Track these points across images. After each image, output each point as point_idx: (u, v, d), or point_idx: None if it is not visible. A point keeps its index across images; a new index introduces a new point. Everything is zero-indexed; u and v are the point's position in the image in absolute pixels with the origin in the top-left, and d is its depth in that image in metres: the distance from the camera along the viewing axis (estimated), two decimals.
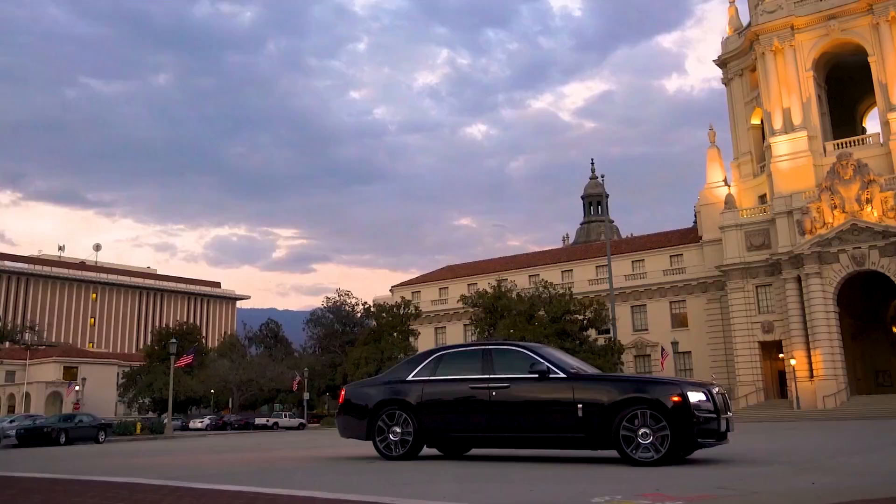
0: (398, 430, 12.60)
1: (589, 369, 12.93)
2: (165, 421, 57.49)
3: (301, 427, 73.76)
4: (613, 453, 10.91)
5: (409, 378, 12.97)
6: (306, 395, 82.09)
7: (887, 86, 68.20)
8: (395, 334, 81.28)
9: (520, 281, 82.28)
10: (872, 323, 71.98)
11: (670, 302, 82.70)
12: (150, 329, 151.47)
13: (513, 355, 12.39)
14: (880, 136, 69.90)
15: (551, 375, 11.64)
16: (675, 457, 10.67)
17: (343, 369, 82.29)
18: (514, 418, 11.80)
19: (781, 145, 71.53)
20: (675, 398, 10.72)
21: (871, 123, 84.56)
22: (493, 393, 11.95)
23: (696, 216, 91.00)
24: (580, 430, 11.18)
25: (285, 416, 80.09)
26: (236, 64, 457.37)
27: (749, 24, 77.37)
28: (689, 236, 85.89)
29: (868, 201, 64.61)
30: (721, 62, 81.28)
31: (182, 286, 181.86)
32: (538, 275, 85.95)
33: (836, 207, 65.78)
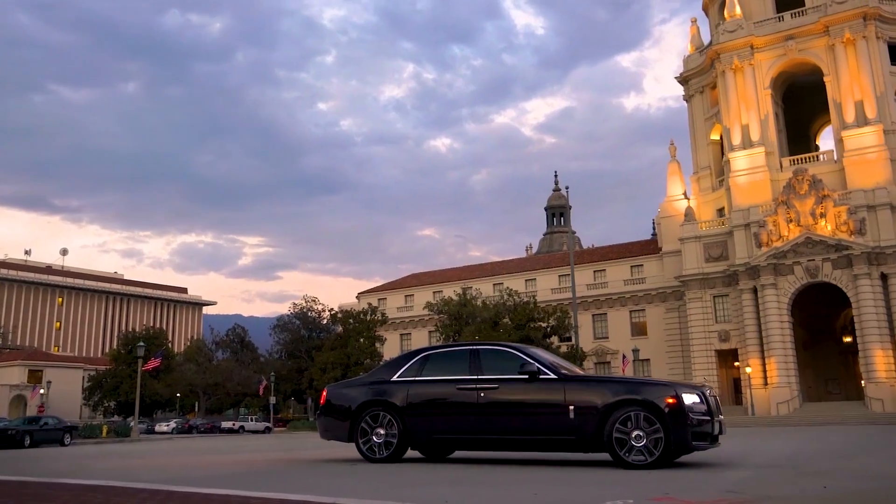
0: (382, 431, 11.91)
1: (578, 371, 12.42)
2: (132, 424, 55.96)
3: (267, 431, 72.42)
4: (604, 456, 10.37)
5: (394, 379, 12.28)
6: (273, 400, 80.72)
7: (842, 105, 69.01)
8: (361, 340, 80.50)
9: (484, 289, 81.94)
10: (823, 333, 72.72)
11: (630, 311, 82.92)
12: (116, 334, 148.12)
13: (502, 355, 11.77)
14: (834, 153, 70.74)
15: (542, 376, 11.05)
16: (667, 460, 10.17)
17: (309, 374, 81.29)
18: (503, 420, 11.17)
19: (740, 160, 72.07)
20: (670, 400, 10.21)
21: (824, 141, 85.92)
22: (482, 394, 11.34)
23: (654, 228, 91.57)
24: (572, 432, 10.61)
25: (251, 420, 78.74)
26: (205, 74, 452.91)
27: (710, 43, 77.96)
28: (649, 247, 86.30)
29: (822, 216, 65.32)
30: (683, 79, 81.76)
31: (149, 291, 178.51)
32: (502, 283, 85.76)
33: (791, 221, 66.39)
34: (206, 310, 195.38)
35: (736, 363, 70.98)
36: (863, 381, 64.81)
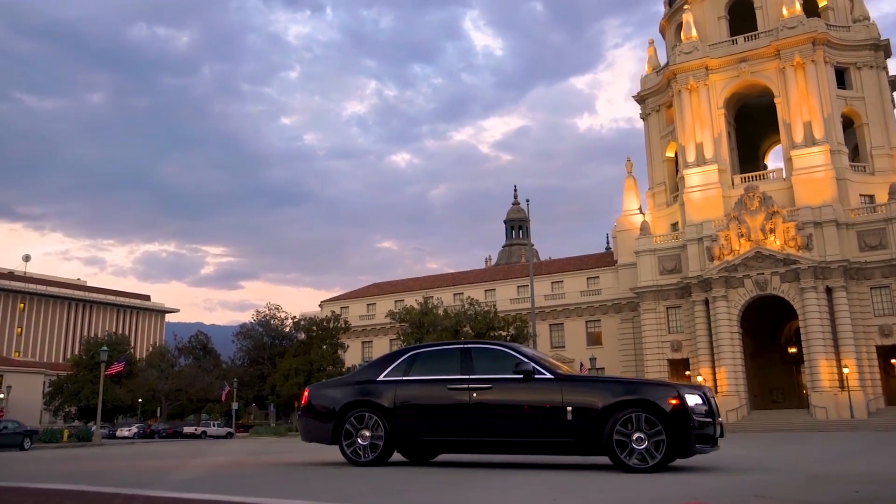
0: (367, 433, 10.98)
1: (572, 371, 11.65)
2: (93, 429, 53.93)
3: (229, 436, 70.58)
4: (600, 459, 9.61)
5: (380, 378, 11.35)
6: (235, 406, 78.92)
7: (791, 125, 69.76)
8: (324, 347, 79.34)
9: (445, 298, 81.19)
10: (769, 344, 73.28)
11: (586, 321, 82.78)
12: (78, 340, 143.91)
13: (495, 354, 10.93)
14: (783, 171, 71.42)
15: (538, 376, 10.25)
16: (666, 464, 9.46)
17: (272, 380, 79.75)
18: (497, 422, 10.33)
19: (694, 177, 72.46)
20: (673, 401, 9.50)
21: (772, 160, 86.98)
22: (474, 394, 10.49)
23: (608, 241, 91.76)
24: (569, 434, 9.83)
25: (213, 426, 76.81)
26: (171, 86, 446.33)
27: (667, 64, 78.44)
28: (605, 260, 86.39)
29: (772, 231, 65.83)
30: (640, 98, 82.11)
31: (111, 298, 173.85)
32: (463, 293, 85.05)
33: (742, 236, 66.79)
34: (168, 317, 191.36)
35: (687, 372, 71.05)
36: (806, 391, 65.32)
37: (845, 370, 62.24)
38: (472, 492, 7.45)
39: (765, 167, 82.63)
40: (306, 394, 12.11)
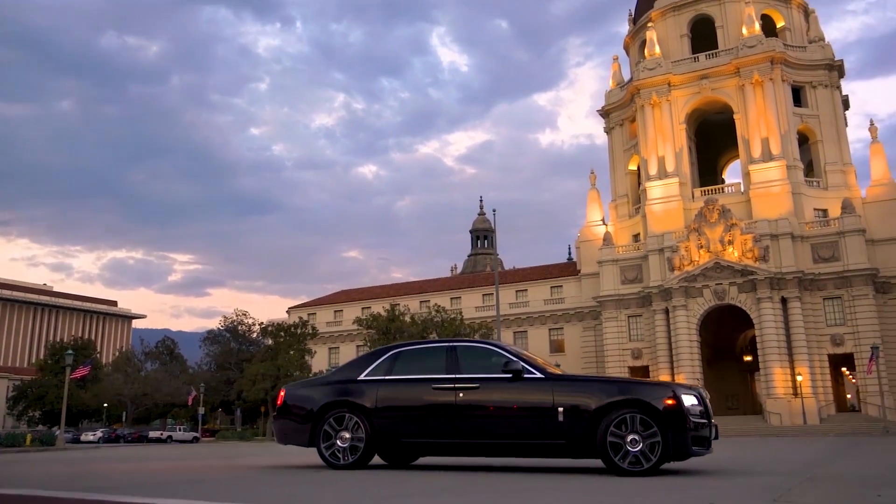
0: (347, 435, 10.16)
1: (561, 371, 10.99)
2: (57, 433, 52.01)
3: (195, 440, 68.81)
4: (590, 462, 8.94)
5: (361, 378, 10.52)
6: (201, 410, 77.12)
7: (749, 141, 70.36)
8: (291, 352, 77.93)
9: (412, 306, 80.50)
10: (725, 352, 73.71)
11: (549, 329, 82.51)
12: (44, 345, 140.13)
13: (482, 353, 10.17)
14: (741, 185, 71.96)
15: (527, 375, 9.55)
16: (660, 467, 8.85)
17: (239, 385, 78.12)
18: (484, 423, 9.58)
19: (655, 190, 72.72)
20: (669, 401, 8.86)
21: (730, 175, 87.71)
22: (461, 394, 9.74)
23: (570, 252, 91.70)
24: (561, 436, 9.14)
25: (179, 430, 74.92)
26: (141, 95, 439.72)
27: (631, 80, 78.74)
28: (569, 270, 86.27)
29: (730, 242, 66.20)
30: (604, 112, 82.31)
31: (78, 304, 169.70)
32: (429, 300, 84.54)
33: (702, 247, 67.10)
34: (135, 323, 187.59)
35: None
36: (761, 397, 65.66)
37: (799, 378, 62.71)
38: (464, 496, 6.76)
39: (723, 181, 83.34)
40: (282, 394, 11.24)
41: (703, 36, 76.39)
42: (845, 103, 75.35)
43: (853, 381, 74.97)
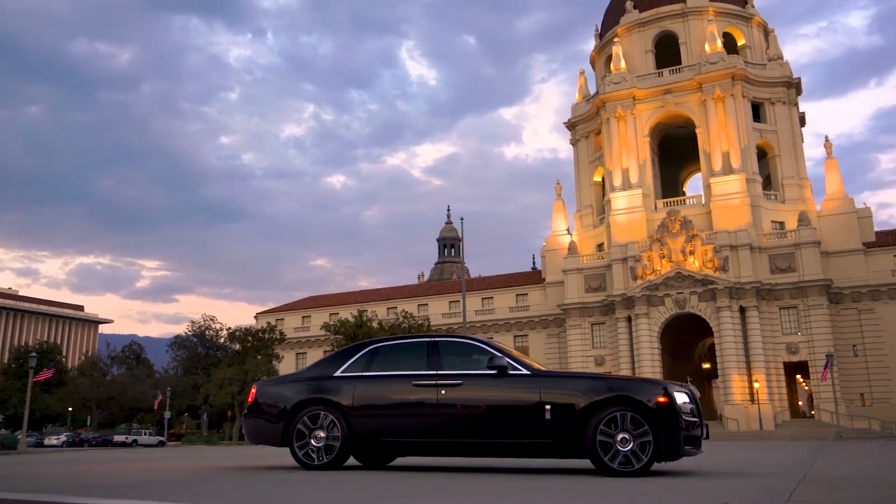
0: (322, 434, 9.42)
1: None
2: (19, 437, 50.16)
3: (161, 445, 66.98)
4: (576, 462, 8.34)
5: (338, 374, 9.78)
6: (167, 415, 75.23)
7: (711, 154, 70.87)
8: (258, 357, 76.49)
9: (379, 312, 79.57)
10: (684, 359, 73.97)
11: (514, 336, 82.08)
12: (8, 349, 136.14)
13: (465, 348, 9.53)
14: (702, 197, 72.40)
15: (512, 372, 8.92)
16: (650, 468, 8.29)
17: (205, 390, 76.40)
18: (468, 421, 8.91)
19: (620, 200, 72.87)
20: (661, 399, 8.30)
21: (690, 188, 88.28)
22: (443, 391, 9.06)
23: (534, 261, 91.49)
24: (548, 435, 8.52)
25: (145, 434, 72.89)
26: (111, 102, 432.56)
27: (597, 93, 78.94)
28: (534, 278, 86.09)
29: (691, 253, 66.51)
30: (570, 125, 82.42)
31: (44, 308, 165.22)
32: (396, 307, 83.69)
33: (664, 257, 67.32)
34: (102, 328, 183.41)
35: None
36: (718, 404, 65.89)
37: (756, 385, 63.13)
38: (456, 498, 6.11)
39: (684, 193, 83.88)
40: (253, 391, 10.44)
41: (667, 52, 76.97)
42: (802, 120, 76.42)
43: (806, 388, 75.81)
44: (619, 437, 8.20)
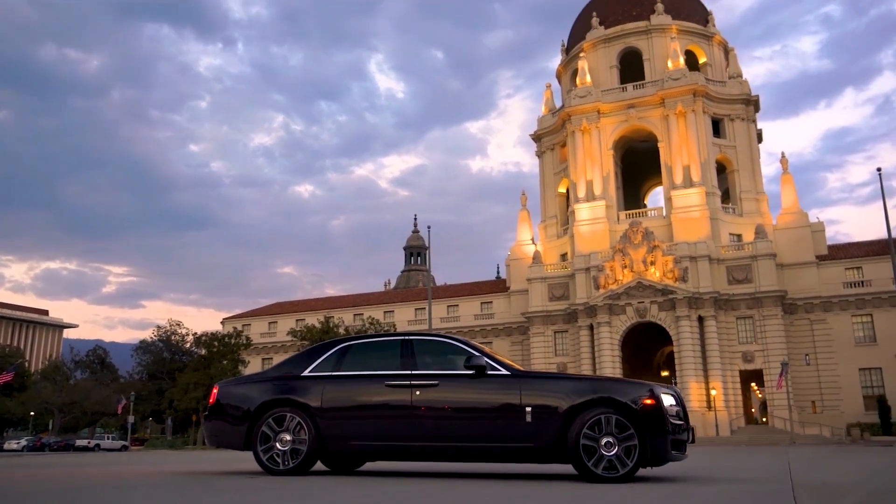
0: (288, 437, 8.71)
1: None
2: None
3: (124, 449, 65.12)
4: (560, 467, 7.71)
5: (306, 374, 9.07)
6: (131, 419, 73.19)
7: (672, 168, 71.21)
8: (224, 362, 74.90)
9: (346, 318, 78.70)
10: (643, 368, 73.98)
11: (479, 342, 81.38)
12: None
13: (441, 347, 8.89)
14: (663, 209, 72.63)
15: (491, 372, 8.31)
16: (634, 473, 7.69)
17: (170, 395, 74.55)
18: (443, 424, 8.27)
19: (583, 211, 72.86)
20: (647, 401, 7.76)
21: (651, 201, 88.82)
22: (417, 392, 8.42)
23: (498, 271, 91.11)
24: (529, 438, 7.92)
25: (108, 439, 70.79)
26: (79, 108, 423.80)
27: (562, 106, 78.95)
28: (499, 286, 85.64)
29: (652, 263, 66.61)
30: (536, 137, 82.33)
31: (6, 312, 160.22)
32: (363, 314, 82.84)
33: (626, 267, 67.33)
34: (67, 333, 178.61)
35: None
36: None
37: (713, 392, 63.30)
38: None
39: (645, 206, 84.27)
40: (215, 391, 9.62)
41: (631, 68, 77.35)
42: (759, 137, 77.18)
43: (760, 395, 76.34)
44: (604, 440, 7.64)
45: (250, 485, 7.47)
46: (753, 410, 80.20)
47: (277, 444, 8.74)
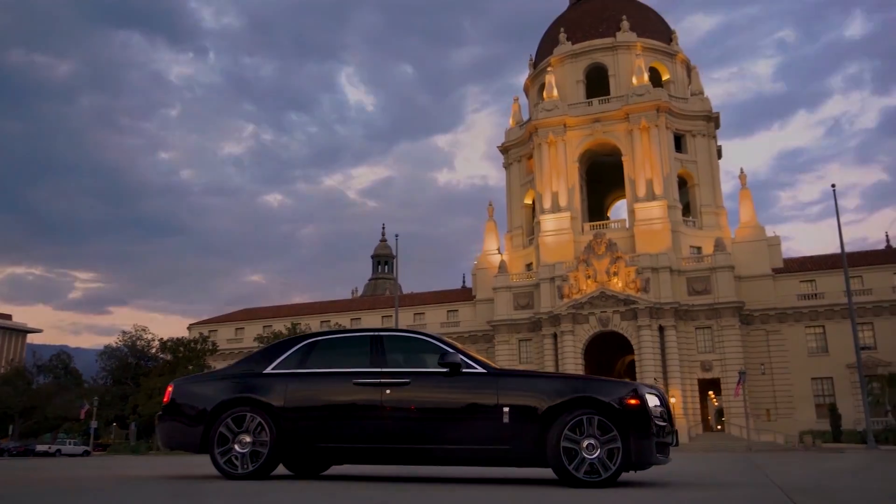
0: (248, 439, 7.91)
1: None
2: None
3: (86, 454, 62.87)
4: (539, 471, 7.08)
5: (268, 371, 8.28)
6: (94, 424, 70.86)
7: (635, 181, 71.49)
8: (190, 367, 73.10)
9: (313, 325, 77.48)
10: (605, 375, 73.85)
11: None
12: None
13: (413, 344, 8.23)
14: (626, 221, 72.88)
15: (467, 370, 7.66)
16: (617, 478, 7.09)
17: (134, 400, 72.48)
18: (415, 425, 7.60)
19: (549, 222, 72.76)
20: (631, 401, 7.18)
21: (614, 213, 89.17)
22: (388, 391, 7.71)
23: (464, 281, 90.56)
24: (506, 441, 7.26)
25: (70, 444, 68.34)
26: (48, 113, 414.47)
27: (529, 119, 78.97)
28: (465, 295, 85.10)
29: (615, 274, 66.63)
30: (503, 149, 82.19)
31: None
32: (330, 321, 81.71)
33: (589, 277, 67.26)
34: (31, 338, 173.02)
35: None
36: None
37: (672, 400, 63.26)
38: None
39: (608, 218, 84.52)
40: (170, 390, 8.77)
41: (597, 83, 77.71)
42: (719, 153, 77.95)
43: (716, 403, 76.70)
44: (585, 443, 7.03)
45: (198, 490, 6.70)
46: (710, 418, 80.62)
47: (236, 447, 7.96)
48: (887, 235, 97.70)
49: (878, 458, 18.32)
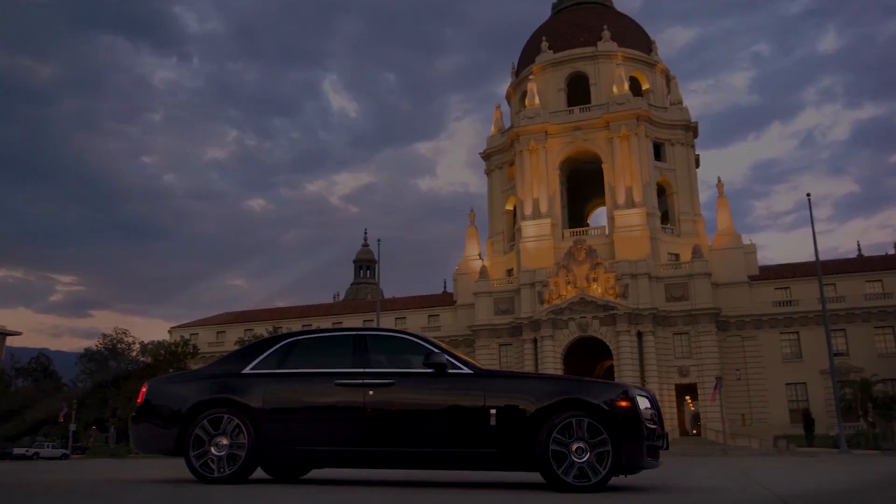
0: (225, 441, 7.54)
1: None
2: None
3: (64, 457, 61.68)
4: (526, 475, 6.78)
5: (247, 371, 7.91)
6: (73, 427, 69.57)
7: (615, 189, 71.64)
8: (171, 370, 72.08)
9: (295, 328, 75.62)
10: None
11: None
12: None
13: (397, 343, 7.89)
14: (606, 228, 72.97)
15: (453, 371, 7.35)
16: (607, 482, 6.80)
17: (114, 403, 71.30)
18: (399, 428, 7.27)
19: (529, 228, 72.69)
20: (622, 403, 6.90)
21: (595, 220, 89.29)
22: (371, 392, 7.39)
23: (445, 285, 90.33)
24: (493, 444, 6.96)
25: (48, 447, 67.06)
26: (30, 115, 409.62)
27: (511, 126, 78.97)
28: (446, 300, 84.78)
29: (595, 280, 66.63)
30: (485, 155, 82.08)
31: None
32: (311, 324, 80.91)
33: (569, 283, 67.20)
34: (10, 341, 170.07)
35: None
36: None
37: None
38: None
39: (588, 224, 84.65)
40: (144, 390, 8.37)
41: (578, 91, 77.86)
42: (697, 162, 78.37)
43: (693, 408, 76.93)
44: (575, 446, 6.74)
45: (169, 495, 6.31)
46: (686, 423, 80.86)
47: (213, 449, 7.57)
48: (859, 245, 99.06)
49: (854, 462, 18.23)
